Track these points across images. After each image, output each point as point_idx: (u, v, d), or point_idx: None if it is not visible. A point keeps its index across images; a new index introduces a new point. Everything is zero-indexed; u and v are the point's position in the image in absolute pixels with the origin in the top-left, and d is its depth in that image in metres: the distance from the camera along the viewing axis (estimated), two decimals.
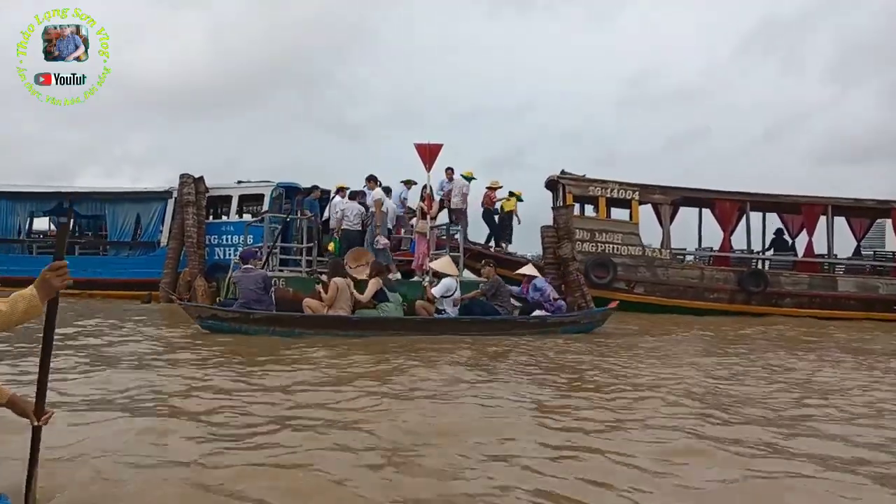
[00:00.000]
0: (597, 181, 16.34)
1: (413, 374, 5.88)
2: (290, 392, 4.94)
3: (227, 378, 5.48)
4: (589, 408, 4.70)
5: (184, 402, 4.60)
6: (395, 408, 4.53)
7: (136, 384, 5.09)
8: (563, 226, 11.86)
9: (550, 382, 5.81)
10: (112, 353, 6.89)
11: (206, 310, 9.10)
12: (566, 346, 8.30)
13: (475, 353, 7.41)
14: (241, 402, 4.56)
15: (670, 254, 16.19)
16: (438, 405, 4.70)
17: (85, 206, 16.60)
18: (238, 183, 16.69)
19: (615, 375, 6.23)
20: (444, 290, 9.92)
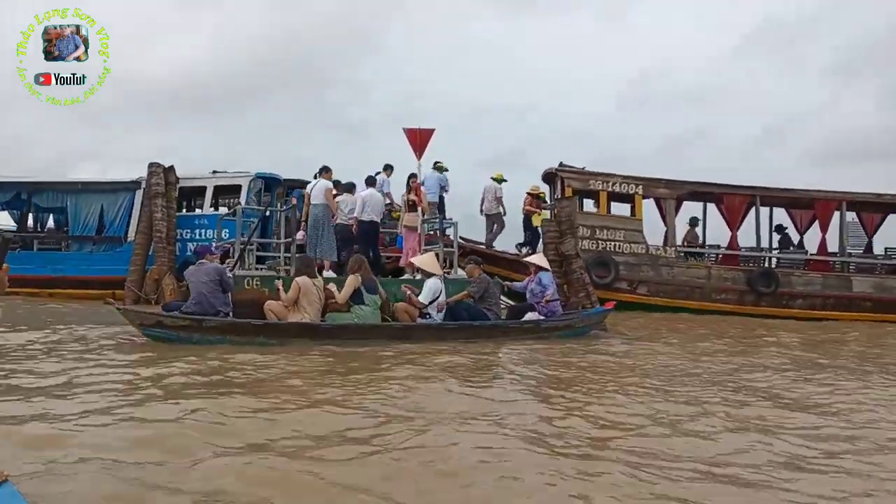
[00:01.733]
0: (598, 174, 15.32)
1: (389, 396, 4.78)
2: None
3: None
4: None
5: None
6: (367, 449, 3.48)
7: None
8: (565, 220, 10.81)
9: (550, 407, 4.72)
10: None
11: (149, 316, 7.76)
12: (562, 356, 7.28)
13: (461, 369, 6.31)
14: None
15: (675, 252, 15.20)
16: (426, 442, 3.65)
17: (45, 198, 15.27)
18: (213, 173, 15.51)
19: (613, 394, 5.16)
20: (431, 294, 8.79)
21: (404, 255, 11.11)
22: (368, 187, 11.43)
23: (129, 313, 7.82)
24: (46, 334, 7.87)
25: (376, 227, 11.15)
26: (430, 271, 9.09)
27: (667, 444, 3.63)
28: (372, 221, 10.96)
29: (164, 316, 7.66)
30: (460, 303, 9.03)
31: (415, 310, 8.68)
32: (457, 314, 8.89)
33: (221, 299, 8.03)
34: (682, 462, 3.38)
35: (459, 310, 8.92)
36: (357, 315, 8.17)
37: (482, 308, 9.05)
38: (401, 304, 8.72)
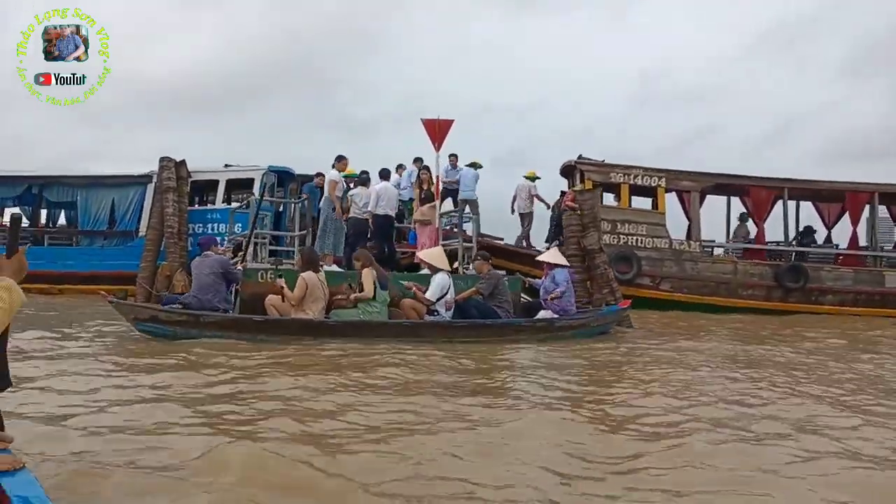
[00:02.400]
0: (619, 167, 14.88)
1: (393, 400, 4.37)
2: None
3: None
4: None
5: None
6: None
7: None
8: (588, 212, 10.37)
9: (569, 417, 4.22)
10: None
11: (144, 310, 7.37)
12: (576, 358, 6.78)
13: (469, 369, 5.91)
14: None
15: (700, 246, 14.73)
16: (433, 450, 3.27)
17: (55, 192, 15.07)
18: (225, 167, 15.23)
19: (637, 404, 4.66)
20: (439, 291, 8.28)
21: (418, 250, 10.71)
22: (382, 180, 11.09)
23: (123, 307, 7.41)
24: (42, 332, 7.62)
25: (391, 221, 10.80)
26: (437, 266, 8.62)
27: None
28: (386, 215, 10.61)
29: (160, 310, 7.27)
30: (469, 300, 8.59)
31: (422, 307, 8.24)
32: (466, 312, 8.46)
33: (223, 294, 7.71)
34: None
35: (469, 307, 8.47)
36: (365, 312, 7.78)
37: (492, 305, 8.63)
38: (407, 300, 8.25)
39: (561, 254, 9.91)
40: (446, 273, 8.58)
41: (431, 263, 8.69)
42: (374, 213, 10.48)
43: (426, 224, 10.59)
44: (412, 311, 8.15)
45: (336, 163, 10.54)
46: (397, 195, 11.29)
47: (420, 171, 11.07)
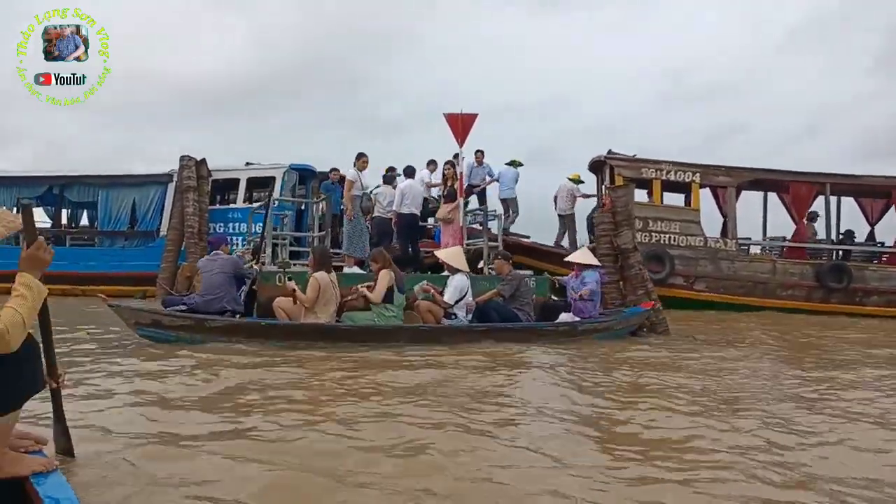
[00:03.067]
0: (650, 161, 14.33)
1: (416, 419, 3.87)
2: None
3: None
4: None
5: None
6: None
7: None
8: (621, 210, 9.83)
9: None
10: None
11: (145, 314, 6.87)
12: (602, 365, 6.34)
13: (493, 375, 5.48)
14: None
15: (736, 245, 14.12)
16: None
17: (76, 192, 14.93)
18: (246, 165, 14.96)
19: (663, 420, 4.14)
20: (457, 293, 7.83)
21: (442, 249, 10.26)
22: (407, 178, 10.72)
23: (124, 311, 6.85)
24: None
25: (416, 220, 10.41)
26: (455, 267, 8.15)
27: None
28: (412, 214, 10.23)
29: (163, 314, 6.88)
30: (489, 302, 8.14)
31: (439, 310, 7.77)
32: (486, 315, 7.98)
33: (233, 294, 7.39)
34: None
35: (488, 310, 8.00)
36: (380, 317, 7.27)
37: (513, 308, 8.16)
38: (424, 302, 7.76)
39: (592, 253, 9.44)
40: (465, 274, 8.15)
41: (449, 264, 8.25)
42: (399, 212, 10.11)
43: (449, 222, 10.17)
44: (429, 314, 7.69)
45: (356, 161, 10.18)
46: (422, 193, 10.89)
47: (444, 166, 10.57)
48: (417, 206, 10.31)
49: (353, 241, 9.70)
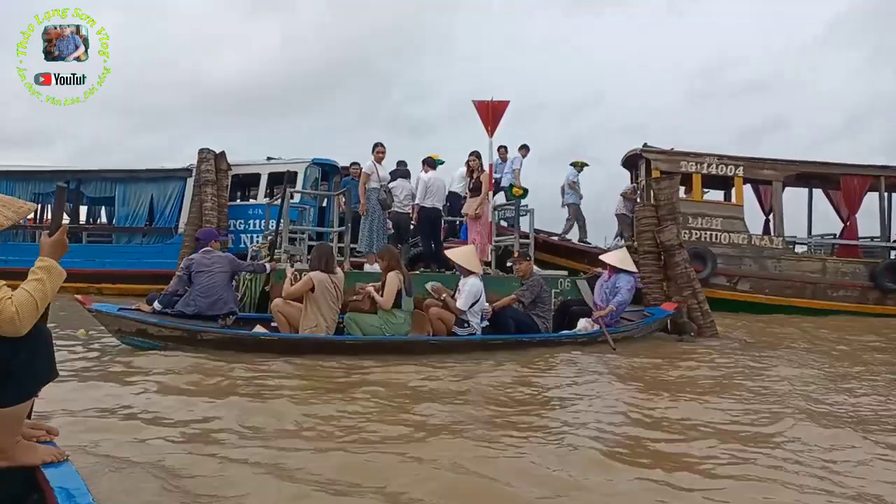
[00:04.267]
0: (691, 154, 13.54)
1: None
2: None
3: None
4: None
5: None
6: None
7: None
8: (664, 203, 9.10)
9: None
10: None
11: (129, 321, 6.07)
12: (627, 375, 5.63)
13: (504, 393, 4.75)
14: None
15: (783, 242, 13.27)
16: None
17: (92, 187, 14.49)
18: (268, 160, 14.45)
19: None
20: (471, 298, 7.05)
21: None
22: (429, 170, 10.15)
23: (106, 317, 6.09)
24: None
25: (439, 215, 9.79)
26: (467, 268, 7.34)
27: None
28: (434, 208, 9.61)
29: (149, 323, 6.12)
30: (506, 309, 7.39)
31: (450, 316, 7.04)
32: (502, 323, 7.24)
33: (233, 295, 6.82)
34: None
35: (505, 318, 7.24)
36: (387, 323, 6.55)
37: (532, 315, 7.42)
38: (434, 308, 7.02)
39: (630, 255, 8.66)
40: (478, 276, 7.37)
41: (461, 265, 7.44)
42: (422, 206, 9.50)
43: (477, 218, 9.50)
44: (438, 321, 7.00)
45: (372, 151, 9.58)
46: (445, 186, 10.25)
47: (469, 157, 9.86)
48: (441, 200, 9.71)
49: (371, 238, 9.10)
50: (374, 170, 9.45)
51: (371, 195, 9.35)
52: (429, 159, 10.86)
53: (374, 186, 9.40)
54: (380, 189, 9.41)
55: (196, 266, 6.65)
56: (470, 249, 8.04)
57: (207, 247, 6.90)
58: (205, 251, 6.84)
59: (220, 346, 6.00)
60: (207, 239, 7.03)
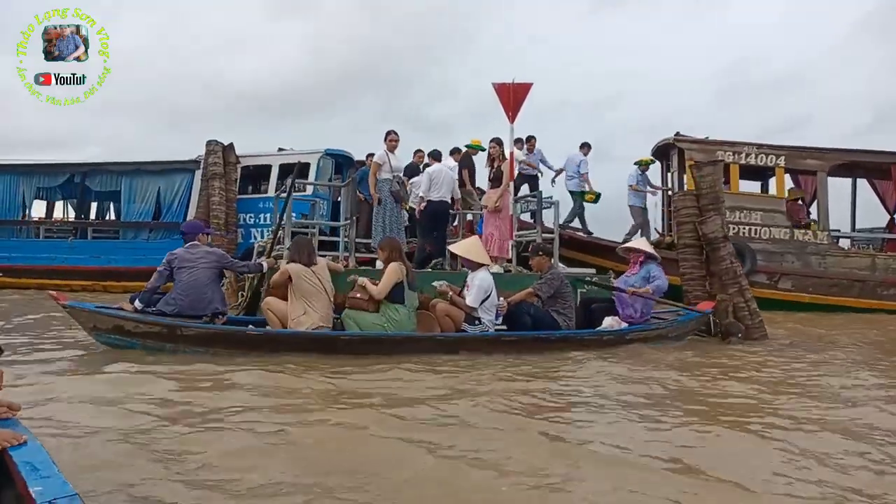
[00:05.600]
0: (727, 143, 12.69)
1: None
2: None
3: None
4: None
5: None
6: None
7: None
8: (707, 191, 8.28)
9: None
10: None
11: (106, 318, 5.56)
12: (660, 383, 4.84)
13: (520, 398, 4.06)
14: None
15: (828, 237, 12.37)
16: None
17: (98, 181, 13.94)
18: (279, 151, 13.81)
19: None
20: (482, 294, 6.39)
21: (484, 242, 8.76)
22: (435, 162, 9.65)
23: (80, 314, 5.61)
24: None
25: (446, 208, 9.07)
26: (475, 261, 6.62)
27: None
28: (442, 201, 8.90)
29: (125, 319, 5.58)
30: (522, 304, 6.69)
31: (459, 313, 6.37)
32: (518, 319, 6.56)
33: (221, 294, 6.14)
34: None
35: (521, 314, 6.57)
36: (389, 319, 5.97)
37: (552, 311, 6.69)
38: (442, 304, 6.38)
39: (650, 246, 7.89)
40: (488, 269, 6.67)
41: (468, 258, 6.70)
42: (429, 199, 8.80)
43: (497, 211, 8.71)
44: (446, 318, 6.31)
45: (385, 140, 8.86)
46: (454, 178, 9.50)
47: (490, 144, 9.03)
48: (449, 192, 9.01)
49: (385, 233, 8.35)
50: (385, 159, 8.70)
51: (383, 187, 8.61)
52: (434, 151, 10.35)
53: (387, 177, 8.66)
54: (392, 180, 8.68)
55: (179, 261, 5.98)
56: (474, 241, 7.28)
57: (195, 241, 6.23)
58: (190, 245, 6.18)
59: (201, 342, 5.49)
60: (194, 232, 6.34)
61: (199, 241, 6.29)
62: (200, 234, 6.38)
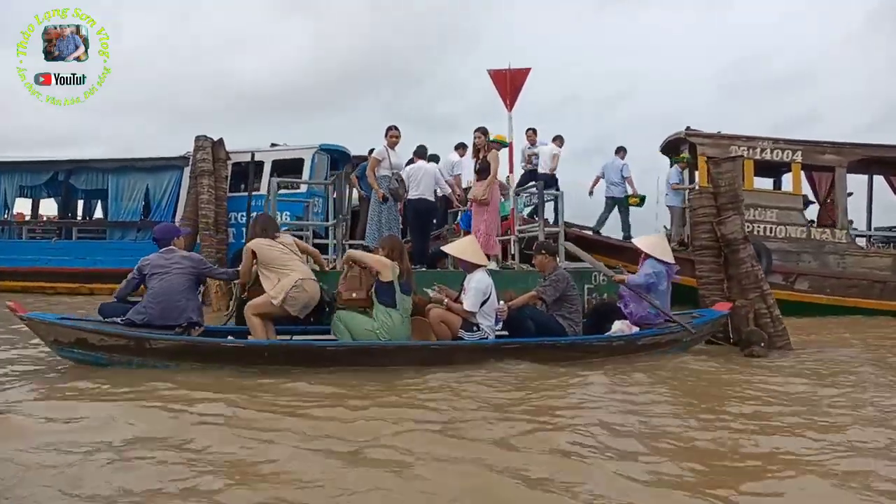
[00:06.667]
0: (742, 138, 12.12)
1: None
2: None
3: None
4: None
5: None
6: None
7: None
8: (726, 189, 7.70)
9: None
10: None
11: (67, 330, 5.00)
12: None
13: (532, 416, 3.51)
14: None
15: (847, 236, 11.80)
16: None
17: (83, 179, 13.38)
18: (272, 146, 13.25)
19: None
20: (480, 296, 5.81)
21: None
22: (419, 160, 9.18)
23: (39, 326, 5.03)
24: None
25: (426, 206, 8.56)
26: (471, 261, 6.04)
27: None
28: (421, 199, 8.39)
29: (88, 331, 5.02)
30: (524, 309, 6.12)
31: (456, 319, 5.82)
32: (519, 325, 5.98)
33: (196, 303, 5.58)
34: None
35: (523, 318, 6.01)
36: (383, 326, 5.45)
37: (557, 316, 6.13)
38: (436, 310, 5.86)
39: (667, 241, 7.29)
40: (485, 270, 6.09)
41: (463, 259, 6.09)
42: (408, 198, 8.33)
43: (484, 205, 8.14)
44: (441, 325, 5.79)
45: (385, 135, 8.31)
46: (435, 175, 8.89)
47: (475, 134, 8.31)
48: (428, 190, 8.49)
49: (380, 232, 7.80)
50: (385, 155, 8.15)
51: (381, 184, 8.07)
52: (419, 149, 9.99)
53: (385, 174, 8.11)
54: (391, 177, 8.12)
55: (151, 268, 5.43)
56: (470, 240, 6.71)
57: (170, 245, 5.69)
58: (165, 251, 5.63)
59: (173, 356, 4.95)
60: (167, 237, 5.79)
61: (176, 244, 5.75)
62: (175, 237, 5.84)
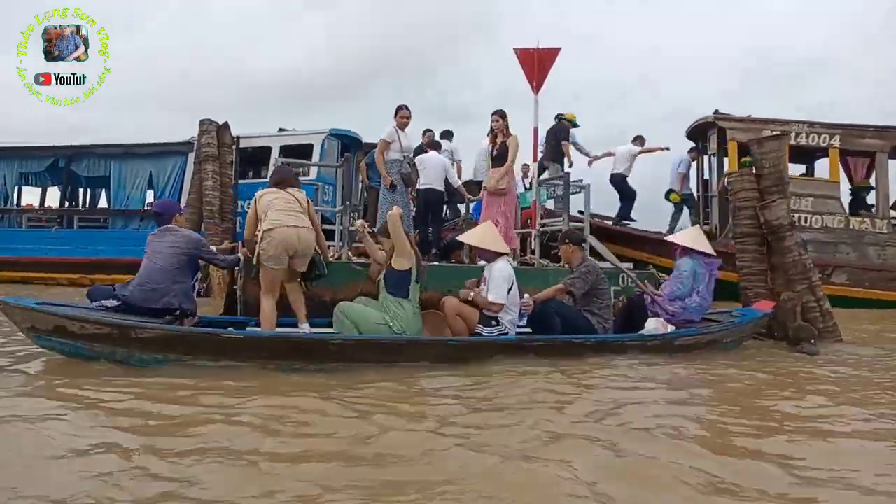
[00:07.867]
0: (775, 122, 11.50)
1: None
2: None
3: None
4: None
5: None
6: None
7: None
8: (770, 171, 7.08)
9: None
10: None
11: (46, 317, 4.43)
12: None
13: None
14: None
15: (888, 225, 11.13)
16: None
17: (84, 166, 12.90)
18: (280, 131, 12.71)
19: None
20: (504, 283, 5.26)
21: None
22: (431, 150, 8.55)
23: (15, 312, 4.46)
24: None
25: (435, 197, 8.01)
26: (493, 250, 5.52)
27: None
28: (429, 189, 7.89)
29: (69, 318, 4.44)
30: (550, 303, 5.55)
31: (473, 313, 5.29)
32: (545, 320, 5.45)
33: (184, 287, 5.03)
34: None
35: (549, 313, 5.45)
36: (396, 317, 4.96)
37: (585, 311, 5.58)
38: (451, 302, 5.36)
39: (704, 235, 6.67)
40: (507, 259, 5.56)
41: (483, 247, 5.56)
42: (416, 189, 7.87)
43: (501, 194, 7.49)
44: (457, 319, 5.26)
45: (395, 116, 7.67)
46: (444, 165, 8.29)
47: (492, 117, 7.62)
48: (438, 180, 7.93)
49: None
50: (395, 137, 7.51)
51: (392, 168, 7.47)
52: (432, 143, 9.50)
53: (396, 157, 7.51)
54: (403, 161, 7.51)
55: (146, 246, 4.98)
56: (489, 227, 6.05)
57: (170, 223, 5.19)
58: (163, 229, 5.14)
59: (160, 348, 4.38)
60: (169, 212, 5.32)
61: (176, 221, 5.27)
62: (178, 213, 5.38)
